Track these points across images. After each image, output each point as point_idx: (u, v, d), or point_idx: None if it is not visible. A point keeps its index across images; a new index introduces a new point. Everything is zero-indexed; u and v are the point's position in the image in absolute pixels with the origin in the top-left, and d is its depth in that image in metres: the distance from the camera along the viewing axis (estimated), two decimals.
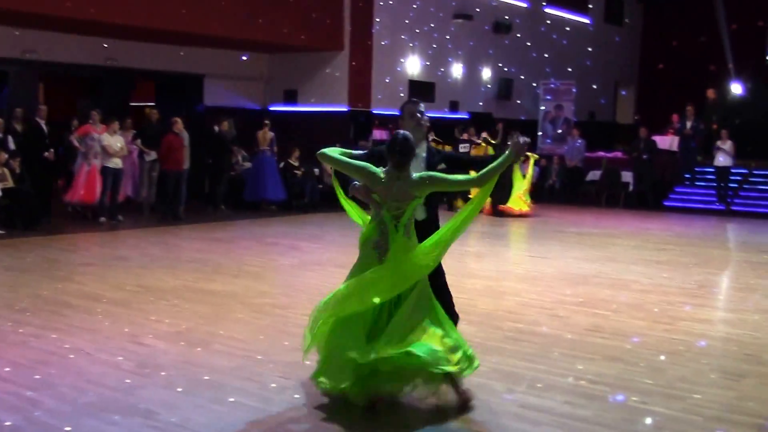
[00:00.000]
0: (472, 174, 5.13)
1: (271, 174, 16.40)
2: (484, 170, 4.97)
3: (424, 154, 5.40)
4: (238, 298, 8.15)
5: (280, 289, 8.84)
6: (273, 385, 5.42)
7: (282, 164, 16.92)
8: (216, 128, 16.03)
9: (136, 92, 19.75)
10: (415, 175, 4.98)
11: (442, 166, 5.34)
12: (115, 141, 13.91)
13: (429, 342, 4.82)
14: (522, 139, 5.05)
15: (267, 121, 16.90)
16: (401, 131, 5.04)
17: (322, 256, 11.12)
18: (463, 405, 4.96)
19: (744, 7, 22.61)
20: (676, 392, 5.41)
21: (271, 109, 19.30)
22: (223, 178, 16.24)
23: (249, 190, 16.45)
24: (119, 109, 16.77)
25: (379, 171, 5.00)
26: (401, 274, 4.93)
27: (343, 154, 5.27)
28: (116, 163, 13.91)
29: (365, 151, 5.50)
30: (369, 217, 5.28)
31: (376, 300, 4.92)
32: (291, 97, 19.29)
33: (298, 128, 18.39)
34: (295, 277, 9.47)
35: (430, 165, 5.34)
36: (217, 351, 6.23)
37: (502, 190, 15.99)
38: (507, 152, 5.00)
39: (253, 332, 6.83)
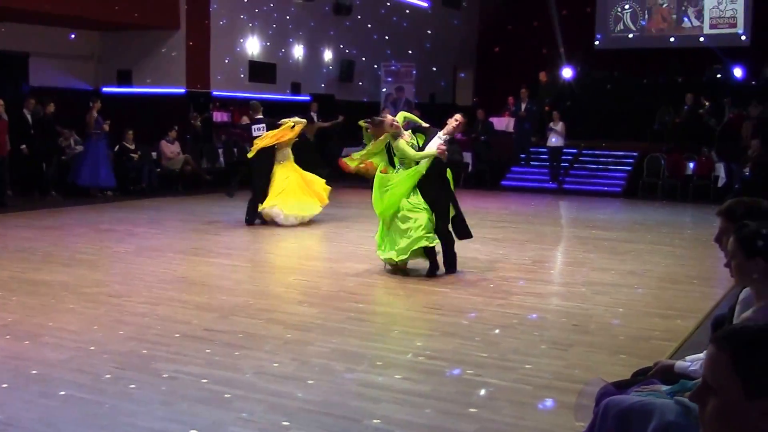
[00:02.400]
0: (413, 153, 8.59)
1: (97, 158, 15.63)
2: (420, 153, 8.59)
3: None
4: (70, 288, 7.80)
5: (115, 278, 8.52)
6: (107, 375, 5.23)
7: (117, 147, 16.28)
8: (26, 111, 15.17)
9: None
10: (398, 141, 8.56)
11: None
12: None
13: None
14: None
15: (93, 103, 15.97)
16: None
17: (160, 241, 10.81)
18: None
19: None
20: (508, 364, 5.62)
21: (104, 90, 18.50)
22: (53, 162, 15.45)
23: (73, 174, 15.68)
24: None
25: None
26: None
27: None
28: None
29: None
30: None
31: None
32: (125, 78, 18.55)
33: (133, 110, 17.71)
34: (132, 265, 9.16)
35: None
36: (47, 343, 5.95)
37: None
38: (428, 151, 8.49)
39: (86, 322, 6.56)
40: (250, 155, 12.16)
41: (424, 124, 9.16)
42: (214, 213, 13.80)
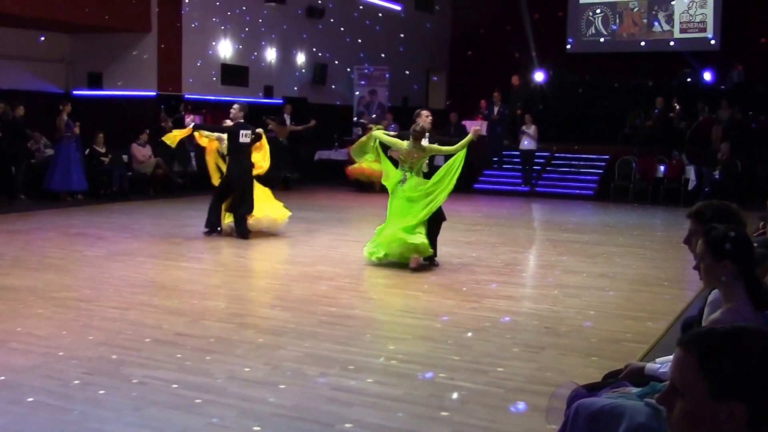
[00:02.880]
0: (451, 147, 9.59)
1: (68, 162, 15.41)
2: (458, 144, 9.45)
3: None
4: (39, 293, 7.70)
5: (84, 282, 8.41)
6: (76, 381, 5.17)
7: (87, 151, 16.12)
8: None
9: None
10: (425, 144, 9.40)
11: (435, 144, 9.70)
12: None
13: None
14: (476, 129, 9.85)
15: (63, 106, 15.67)
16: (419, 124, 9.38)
17: (130, 245, 10.69)
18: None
19: None
20: (481, 367, 5.63)
21: (75, 93, 18.31)
22: (22, 166, 15.25)
23: (46, 180, 15.47)
24: None
25: (406, 143, 9.35)
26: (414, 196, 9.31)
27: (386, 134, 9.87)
28: None
29: (396, 132, 10.26)
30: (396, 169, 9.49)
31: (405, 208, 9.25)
32: (96, 81, 18.38)
33: (104, 113, 17.55)
34: (101, 269, 9.05)
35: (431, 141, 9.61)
36: (14, 349, 5.87)
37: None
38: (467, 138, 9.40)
39: (55, 328, 6.48)
40: (260, 171, 11.47)
41: (394, 138, 9.67)
42: (186, 217, 13.68)
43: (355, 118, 20.93)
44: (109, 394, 4.96)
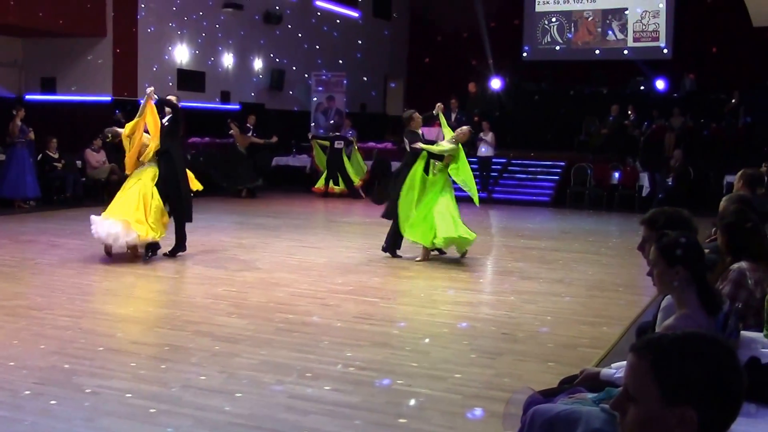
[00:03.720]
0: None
1: (22, 167, 15.11)
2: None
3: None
4: None
5: (36, 290, 8.25)
6: (27, 392, 5.07)
7: (40, 156, 15.84)
8: None
9: None
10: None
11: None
12: None
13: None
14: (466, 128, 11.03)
15: (17, 110, 15.35)
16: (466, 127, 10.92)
17: (84, 253, 10.52)
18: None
19: (501, 6, 24.03)
20: (438, 373, 5.63)
21: (28, 97, 18.02)
22: None
23: None
24: None
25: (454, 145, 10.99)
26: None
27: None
28: None
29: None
30: None
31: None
32: (49, 85, 18.10)
33: (58, 118, 17.29)
34: (54, 277, 8.89)
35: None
36: None
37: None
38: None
39: (5, 337, 6.35)
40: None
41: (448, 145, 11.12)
42: None
43: (309, 134, 20.66)
44: (61, 404, 4.87)
